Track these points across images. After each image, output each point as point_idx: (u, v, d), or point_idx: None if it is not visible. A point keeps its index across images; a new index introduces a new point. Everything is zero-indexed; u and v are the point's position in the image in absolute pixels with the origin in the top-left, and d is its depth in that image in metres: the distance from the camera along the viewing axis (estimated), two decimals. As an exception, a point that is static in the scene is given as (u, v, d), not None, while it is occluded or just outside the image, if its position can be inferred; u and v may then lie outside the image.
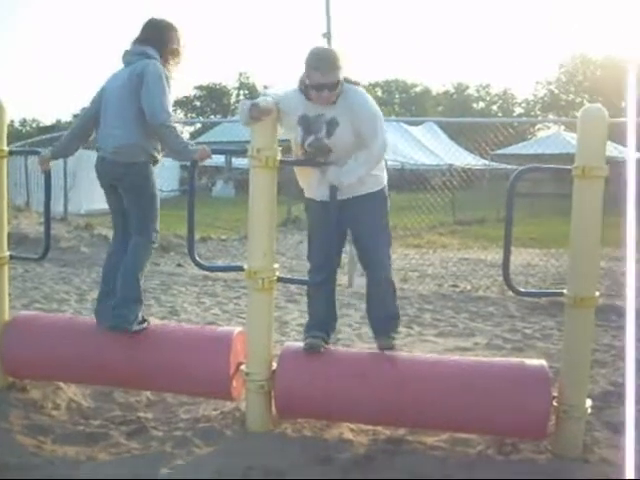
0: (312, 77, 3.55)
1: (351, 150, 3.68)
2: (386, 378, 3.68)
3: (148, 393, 4.33)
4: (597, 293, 3.54)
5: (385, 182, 3.89)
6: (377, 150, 3.65)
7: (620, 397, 4.59)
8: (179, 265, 10.20)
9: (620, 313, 7.29)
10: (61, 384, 4.27)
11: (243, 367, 3.82)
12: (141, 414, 4.06)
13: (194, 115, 67.53)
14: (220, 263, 10.43)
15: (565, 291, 3.59)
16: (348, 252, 9.01)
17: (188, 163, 4.01)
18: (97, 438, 3.71)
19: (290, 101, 3.71)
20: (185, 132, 70.32)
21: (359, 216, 3.79)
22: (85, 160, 19.66)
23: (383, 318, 3.93)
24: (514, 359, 4.33)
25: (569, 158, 3.62)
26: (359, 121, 3.63)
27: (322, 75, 3.53)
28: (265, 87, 67.70)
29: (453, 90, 74.94)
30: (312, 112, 3.67)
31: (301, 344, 3.88)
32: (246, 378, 3.76)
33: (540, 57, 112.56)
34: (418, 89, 76.38)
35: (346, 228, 3.88)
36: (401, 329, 6.25)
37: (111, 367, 4.00)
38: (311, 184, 3.84)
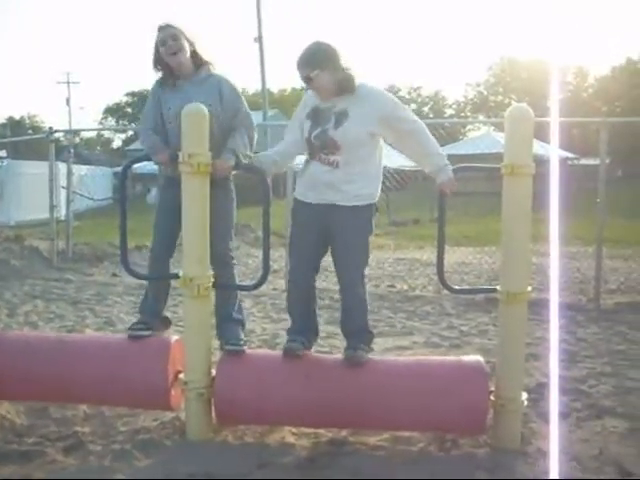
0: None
1: (360, 148, 3.60)
2: (326, 380, 3.68)
3: (85, 407, 4.21)
4: (529, 288, 3.62)
5: (376, 198, 3.76)
6: (419, 122, 3.65)
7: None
8: (114, 275, 10.01)
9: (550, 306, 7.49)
10: (-8, 402, 4.13)
11: (181, 376, 3.77)
12: (78, 429, 3.94)
13: (126, 122, 66.50)
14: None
15: (498, 287, 3.66)
16: (284, 255, 9.02)
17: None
18: (32, 456, 3.57)
19: (305, 101, 3.74)
20: (117, 139, 69.55)
21: (344, 228, 3.66)
22: (14, 170, 19.29)
23: (352, 331, 3.89)
24: (451, 357, 4.40)
25: (499, 157, 3.69)
26: (374, 117, 3.57)
27: (298, 69, 3.55)
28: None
29: (385, 92, 75.67)
30: (323, 104, 3.61)
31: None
32: (184, 387, 3.71)
33: (469, 60, 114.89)
34: (351, 92, 76.92)
35: (328, 234, 3.75)
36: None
37: (44, 381, 3.89)
38: (306, 184, 3.75)
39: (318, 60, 3.48)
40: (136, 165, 4.28)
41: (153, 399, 3.82)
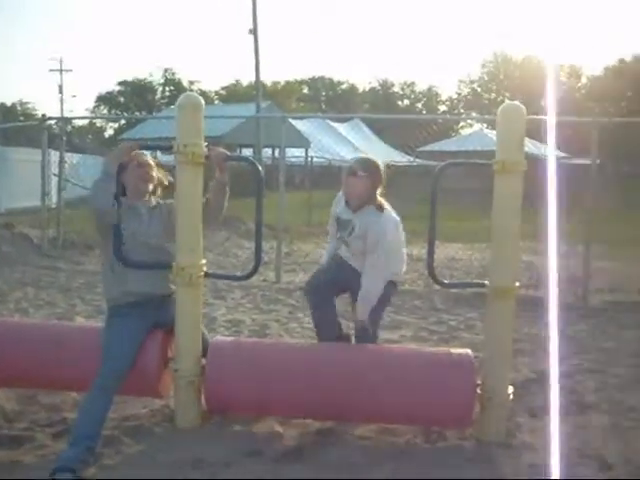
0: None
1: (362, 254, 4.01)
2: (314, 370, 3.72)
3: (74, 394, 4.23)
4: (517, 284, 3.67)
5: (398, 277, 4.19)
6: (378, 267, 3.94)
7: (541, 384, 4.77)
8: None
9: (540, 304, 7.56)
10: (-18, 388, 4.15)
11: (172, 364, 3.79)
12: (67, 415, 3.97)
13: (118, 112, 66.22)
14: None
15: (487, 282, 3.71)
16: (275, 248, 9.06)
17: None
18: (22, 441, 3.61)
19: (337, 202, 4.21)
20: (109, 129, 69.19)
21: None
22: (4, 157, 19.15)
23: None
24: (439, 349, 4.44)
25: (491, 155, 3.74)
26: (369, 238, 3.93)
27: (354, 163, 4.04)
28: (191, 83, 67.07)
29: (379, 87, 75.74)
30: (344, 216, 4.10)
31: (229, 339, 3.88)
32: (175, 374, 3.74)
33: (463, 55, 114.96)
34: (344, 86, 76.94)
35: (347, 289, 4.15)
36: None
37: (36, 368, 3.90)
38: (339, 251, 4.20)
39: (371, 167, 3.98)
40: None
41: (143, 386, 3.83)
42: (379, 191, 4.02)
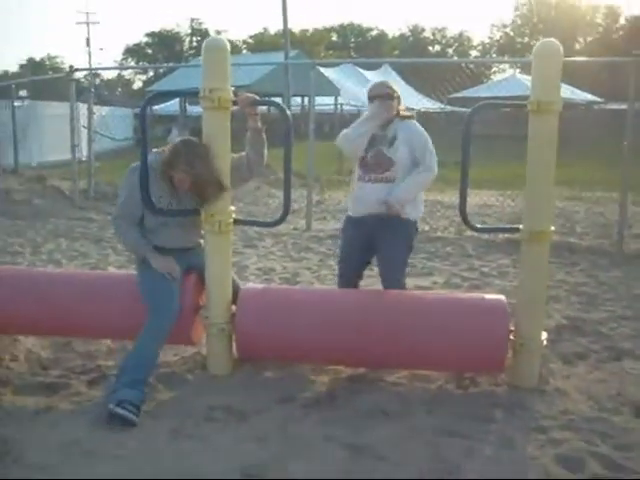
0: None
1: (407, 165, 4.06)
2: (346, 316, 3.70)
3: (108, 341, 4.29)
4: (552, 228, 3.59)
5: (418, 217, 4.19)
6: (429, 173, 4.06)
7: (573, 330, 4.72)
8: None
9: (572, 250, 7.46)
10: (19, 336, 4.20)
11: (203, 311, 3.80)
12: (101, 362, 4.02)
13: (146, 63, 66.01)
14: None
15: (521, 226, 3.63)
16: (306, 196, 9.02)
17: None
18: (57, 388, 3.67)
19: None
20: (137, 81, 69.12)
21: (388, 237, 4.05)
22: (34, 111, 19.23)
23: None
24: (472, 294, 4.39)
25: (525, 100, 3.62)
26: (414, 143, 4.05)
27: (382, 86, 4.20)
28: (218, 32, 66.46)
29: (409, 33, 74.33)
30: (379, 132, 4.07)
31: (260, 286, 3.86)
32: (206, 322, 3.75)
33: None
34: (374, 33, 75.62)
35: (373, 245, 4.13)
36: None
37: (70, 316, 3.93)
38: (354, 201, 4.19)
39: (391, 88, 4.16)
40: (156, 107, 4.22)
41: (175, 334, 3.83)
42: None
